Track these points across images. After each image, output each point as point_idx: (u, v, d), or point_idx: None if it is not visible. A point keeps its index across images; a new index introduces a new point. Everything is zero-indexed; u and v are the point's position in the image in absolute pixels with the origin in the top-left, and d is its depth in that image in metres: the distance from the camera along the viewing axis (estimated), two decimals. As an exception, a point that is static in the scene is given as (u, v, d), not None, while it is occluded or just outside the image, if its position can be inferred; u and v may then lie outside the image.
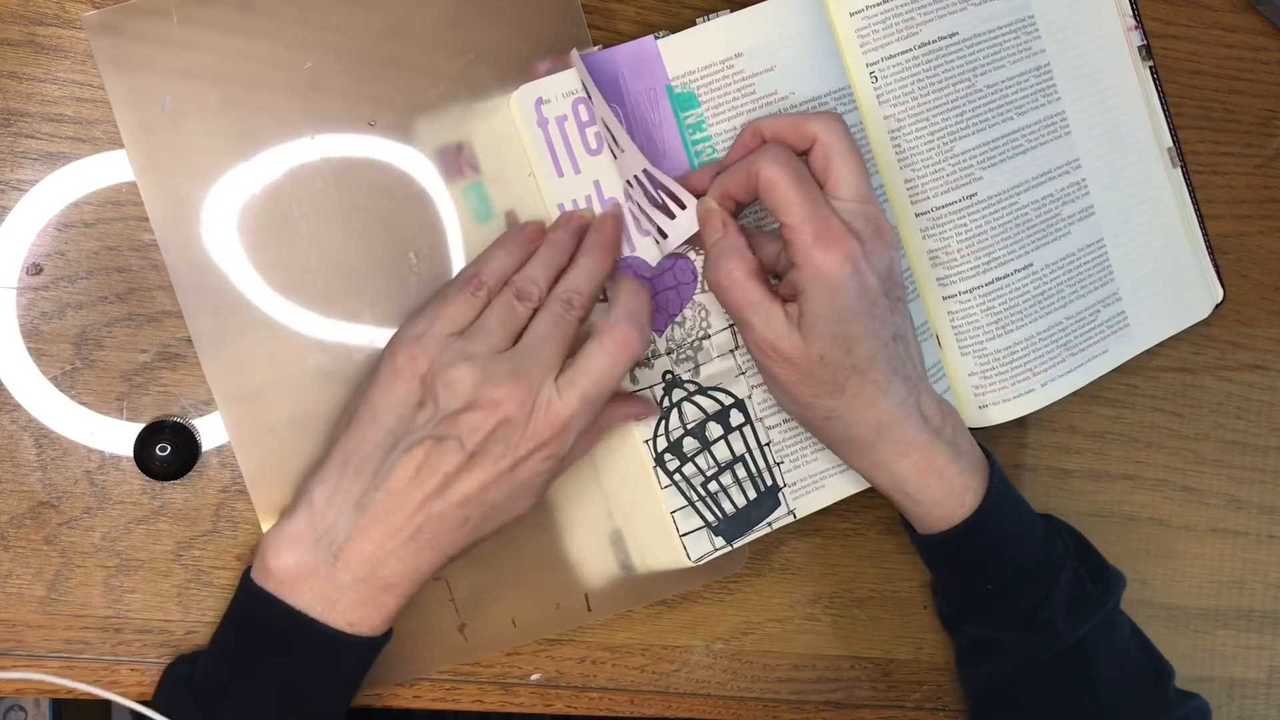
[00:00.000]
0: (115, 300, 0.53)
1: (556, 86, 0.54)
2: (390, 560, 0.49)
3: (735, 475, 0.57)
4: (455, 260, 0.55)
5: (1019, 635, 0.56)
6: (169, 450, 0.52)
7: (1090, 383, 0.63)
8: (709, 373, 0.57)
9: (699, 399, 0.57)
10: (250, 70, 0.52)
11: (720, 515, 0.57)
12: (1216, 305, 0.67)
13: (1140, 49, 0.64)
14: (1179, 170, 0.65)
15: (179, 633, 0.54)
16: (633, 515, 0.58)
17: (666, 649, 0.61)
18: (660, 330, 0.56)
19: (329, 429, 0.54)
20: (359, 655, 0.51)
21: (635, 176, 0.54)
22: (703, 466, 0.56)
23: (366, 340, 0.54)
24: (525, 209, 0.55)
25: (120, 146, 0.52)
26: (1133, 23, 0.64)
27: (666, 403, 0.56)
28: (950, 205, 0.58)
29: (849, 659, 0.64)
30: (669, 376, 0.56)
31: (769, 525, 0.58)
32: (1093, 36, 0.63)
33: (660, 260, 0.55)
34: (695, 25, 0.56)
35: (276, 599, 0.49)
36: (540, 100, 0.53)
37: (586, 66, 0.53)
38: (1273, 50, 0.69)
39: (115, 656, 0.54)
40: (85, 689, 0.52)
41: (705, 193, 0.54)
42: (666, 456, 0.56)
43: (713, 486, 0.57)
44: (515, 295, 0.51)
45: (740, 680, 0.62)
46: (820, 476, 0.59)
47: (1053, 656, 0.56)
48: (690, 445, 0.56)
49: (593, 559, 0.58)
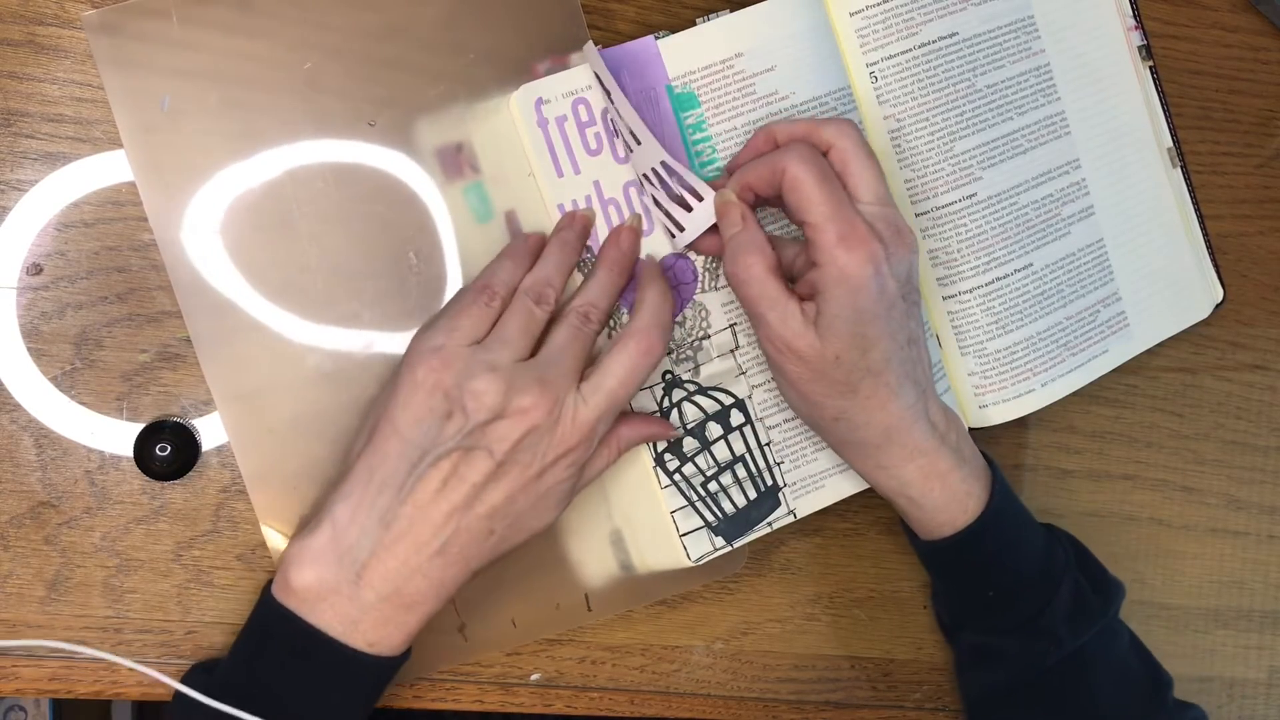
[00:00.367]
0: (115, 300, 0.53)
1: (556, 86, 0.54)
2: (415, 577, 0.49)
3: (735, 475, 0.57)
4: (455, 260, 0.55)
5: (1019, 643, 0.56)
6: (169, 450, 0.52)
7: (1090, 383, 0.63)
8: (709, 373, 0.57)
9: (699, 399, 0.57)
10: (250, 70, 0.52)
11: (720, 515, 0.57)
12: (1216, 305, 0.67)
13: (1140, 49, 0.64)
14: (1179, 170, 0.65)
15: (179, 633, 0.54)
16: (633, 515, 0.58)
17: (666, 649, 0.61)
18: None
19: (329, 429, 0.54)
20: (378, 675, 0.51)
21: (653, 169, 0.53)
22: (702, 466, 0.56)
23: (366, 340, 0.54)
24: (525, 209, 0.55)
25: (120, 146, 0.52)
26: (1133, 23, 0.64)
27: (666, 403, 0.56)
28: (950, 205, 0.58)
29: (849, 659, 0.64)
30: (669, 376, 0.56)
31: (769, 525, 0.58)
32: (1093, 36, 0.63)
33: (664, 258, 0.55)
34: (695, 25, 0.56)
35: (297, 617, 0.49)
36: (540, 100, 0.53)
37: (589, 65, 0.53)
38: (1273, 50, 0.69)
39: (115, 656, 0.54)
40: (98, 654, 0.52)
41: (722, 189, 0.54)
42: (666, 456, 0.56)
43: (712, 486, 0.57)
44: (534, 300, 0.51)
45: (740, 680, 0.62)
46: (820, 476, 0.59)
47: (1052, 665, 0.56)
48: (690, 445, 0.56)
49: (593, 559, 0.58)
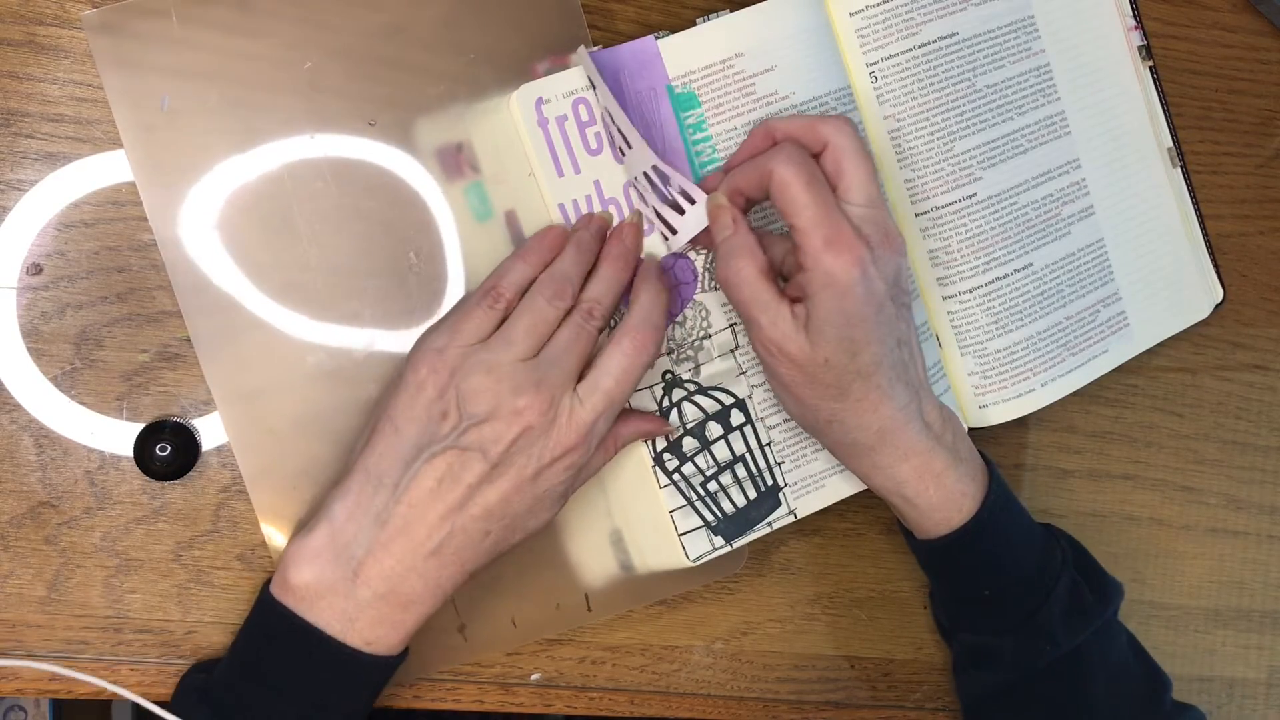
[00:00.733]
0: (115, 300, 0.53)
1: (556, 86, 0.54)
2: (411, 576, 0.49)
3: (735, 475, 0.57)
4: (455, 260, 0.55)
5: (1015, 643, 0.56)
6: (169, 450, 0.52)
7: (1090, 383, 0.63)
8: (709, 372, 0.57)
9: (699, 399, 0.57)
10: (250, 70, 0.52)
11: (720, 515, 0.57)
12: (1216, 305, 0.67)
13: (1140, 49, 0.64)
14: (1179, 170, 0.65)
15: (179, 633, 0.54)
16: (632, 515, 0.58)
17: (666, 649, 0.61)
18: (661, 330, 0.56)
19: (329, 429, 0.54)
20: (375, 674, 0.51)
21: (644, 173, 0.53)
22: (702, 466, 0.56)
23: (367, 340, 0.54)
24: (525, 209, 0.55)
25: (120, 146, 0.52)
26: (1133, 23, 0.64)
27: (666, 402, 0.56)
28: (950, 205, 0.58)
29: (849, 659, 0.64)
30: (669, 376, 0.56)
31: (769, 525, 0.58)
32: (1093, 36, 0.63)
33: (664, 258, 0.55)
34: (695, 25, 0.55)
35: (294, 615, 0.49)
36: (540, 100, 0.53)
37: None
38: (1273, 50, 0.69)
39: (115, 656, 0.54)
40: (89, 681, 0.53)
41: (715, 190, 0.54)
42: (665, 456, 0.56)
43: (712, 486, 0.57)
44: (551, 294, 0.51)
45: (740, 680, 0.62)
46: (821, 476, 0.59)
47: (1048, 665, 0.56)
48: (690, 445, 0.56)
49: (593, 559, 0.58)
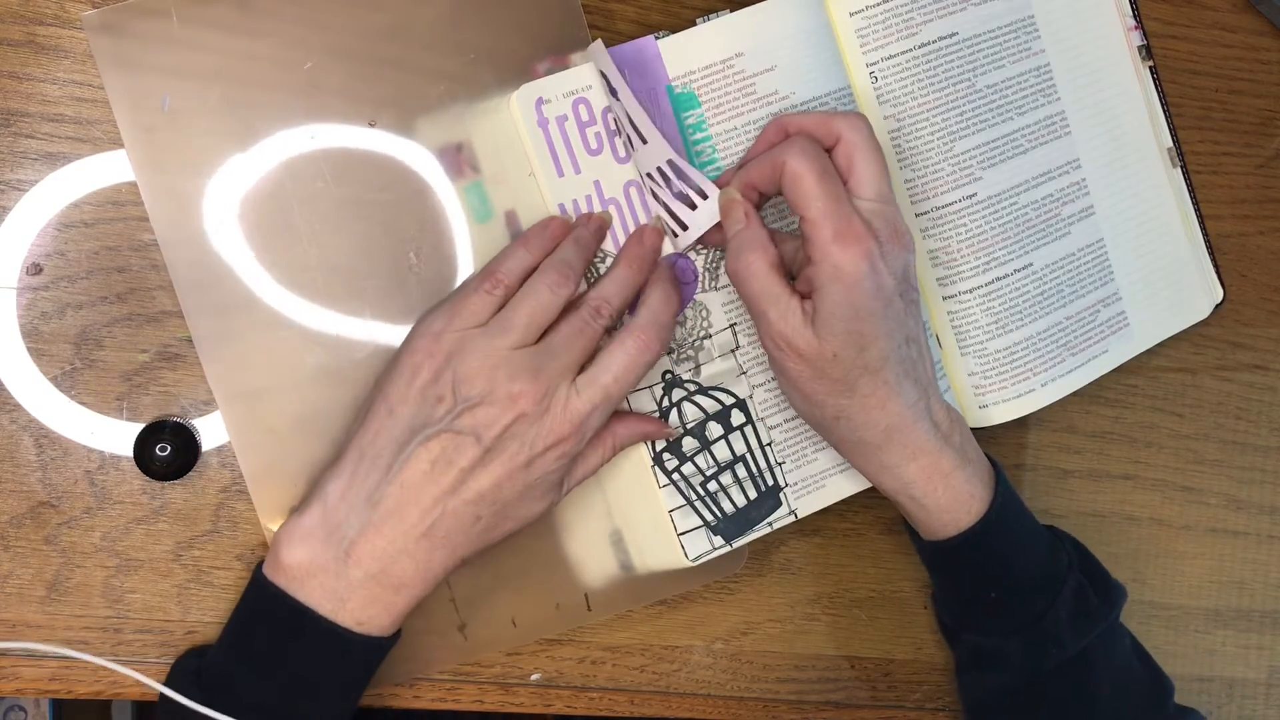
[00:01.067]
0: (115, 300, 0.53)
1: (556, 86, 0.54)
2: (402, 558, 0.49)
3: (735, 475, 0.57)
4: (455, 260, 0.55)
5: (1021, 645, 0.56)
6: (169, 450, 0.52)
7: (1090, 383, 0.63)
8: (710, 372, 0.57)
9: (699, 399, 0.57)
10: (250, 70, 0.52)
11: (719, 515, 0.57)
12: (1216, 305, 0.67)
13: (1140, 49, 0.64)
14: (1179, 170, 0.65)
15: (179, 633, 0.54)
16: (632, 515, 0.58)
17: (666, 649, 0.61)
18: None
19: (329, 429, 0.54)
20: (366, 655, 0.51)
21: (658, 167, 0.53)
22: (702, 466, 0.56)
23: (367, 340, 0.54)
24: (525, 209, 0.55)
25: (120, 146, 0.52)
26: (1133, 23, 0.64)
27: (666, 402, 0.56)
28: (950, 205, 0.58)
29: (849, 659, 0.64)
30: (669, 376, 0.56)
31: (769, 525, 0.58)
32: (1093, 37, 0.63)
33: (664, 258, 0.55)
34: (695, 25, 0.56)
35: (286, 595, 0.49)
36: (540, 100, 0.53)
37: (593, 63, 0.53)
38: (1273, 50, 0.69)
39: (115, 656, 0.54)
40: (97, 661, 0.53)
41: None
42: (665, 456, 0.56)
43: (712, 486, 0.57)
44: (554, 281, 0.51)
45: (740, 680, 0.62)
46: (821, 476, 0.59)
47: (1054, 667, 0.56)
48: (690, 445, 0.56)
49: (592, 559, 0.58)
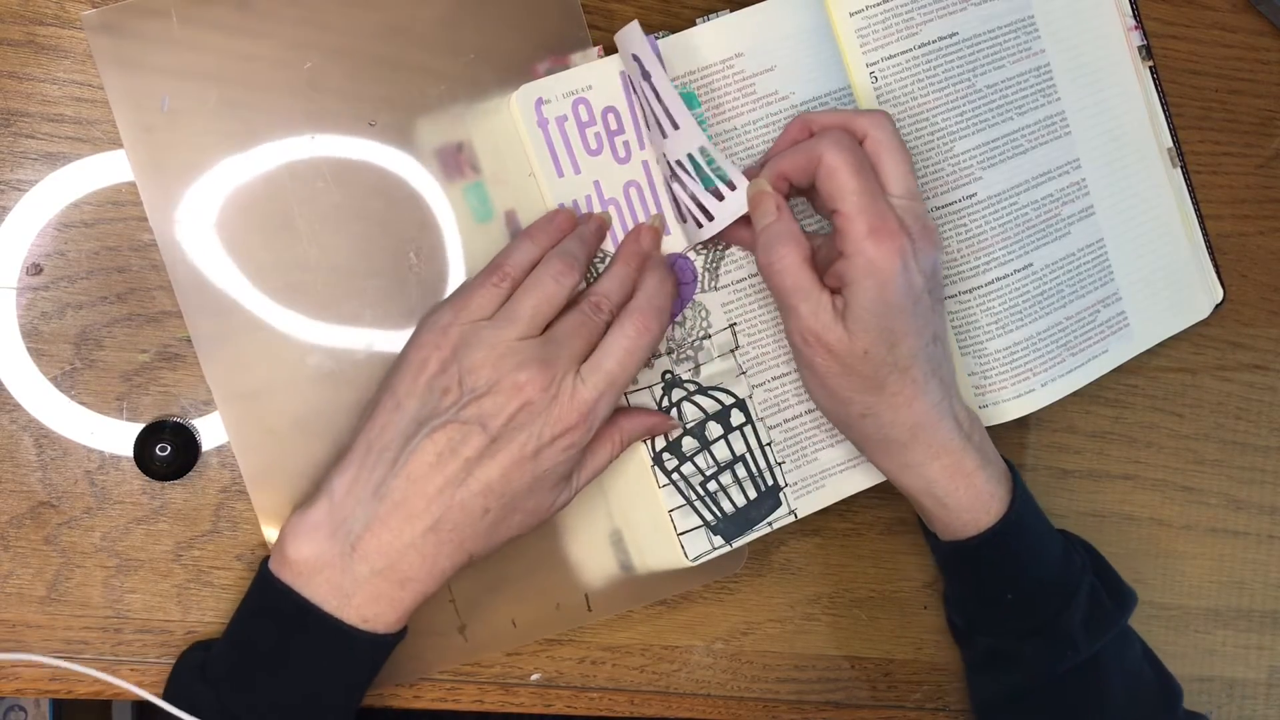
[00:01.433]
0: (115, 300, 0.53)
1: (556, 86, 0.54)
2: (409, 552, 0.49)
3: (735, 475, 0.57)
4: (456, 260, 0.55)
5: (1035, 647, 0.56)
6: (169, 450, 0.52)
7: (1090, 383, 0.63)
8: (709, 372, 0.57)
9: (699, 399, 0.57)
10: (250, 70, 0.52)
11: (719, 515, 0.57)
12: (1216, 305, 0.67)
13: (1140, 49, 0.64)
14: (1179, 170, 0.65)
15: (179, 633, 0.54)
16: (632, 515, 0.58)
17: (666, 649, 0.61)
18: (660, 330, 0.56)
19: (329, 429, 0.54)
20: (370, 652, 0.51)
21: (688, 154, 0.53)
22: (701, 466, 0.56)
23: (367, 340, 0.54)
24: (525, 209, 0.55)
25: (120, 146, 0.52)
26: (1133, 23, 0.64)
27: (666, 402, 0.56)
28: (950, 205, 0.58)
29: (849, 659, 0.64)
30: (668, 376, 0.56)
31: (769, 525, 0.58)
32: (1093, 37, 0.63)
33: (669, 254, 0.55)
34: (695, 25, 0.56)
35: (291, 590, 0.49)
36: (540, 100, 0.53)
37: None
38: (1273, 50, 0.69)
39: (115, 656, 0.54)
40: (90, 673, 0.53)
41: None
42: (665, 455, 0.56)
43: (712, 486, 0.57)
44: (558, 271, 0.51)
45: (740, 680, 0.62)
46: (821, 476, 0.59)
47: (1067, 670, 0.56)
48: (689, 445, 0.56)
49: (593, 559, 0.58)
